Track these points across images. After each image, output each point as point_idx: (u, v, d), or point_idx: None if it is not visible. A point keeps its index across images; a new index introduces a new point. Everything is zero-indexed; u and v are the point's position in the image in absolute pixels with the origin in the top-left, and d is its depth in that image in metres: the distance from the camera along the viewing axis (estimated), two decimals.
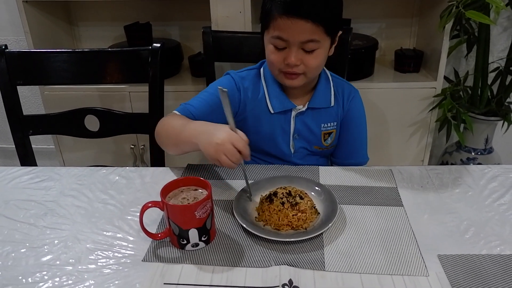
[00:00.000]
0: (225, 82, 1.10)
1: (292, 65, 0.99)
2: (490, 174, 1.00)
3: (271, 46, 1.01)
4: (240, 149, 0.84)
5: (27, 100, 2.22)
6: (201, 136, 0.90)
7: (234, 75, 1.11)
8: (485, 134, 1.85)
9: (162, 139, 1.03)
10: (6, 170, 1.06)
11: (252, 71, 1.13)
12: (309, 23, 0.94)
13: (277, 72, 1.04)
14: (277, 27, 0.97)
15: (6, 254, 0.79)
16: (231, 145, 0.84)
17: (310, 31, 0.95)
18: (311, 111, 1.11)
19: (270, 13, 0.98)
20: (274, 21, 0.97)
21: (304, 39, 0.96)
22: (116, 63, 1.27)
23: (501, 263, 0.74)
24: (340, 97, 1.13)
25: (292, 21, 0.94)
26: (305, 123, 1.12)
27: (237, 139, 0.85)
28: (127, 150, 1.89)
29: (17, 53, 1.25)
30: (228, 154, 0.84)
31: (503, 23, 1.90)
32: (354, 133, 1.16)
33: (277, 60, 1.01)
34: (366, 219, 0.85)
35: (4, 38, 2.10)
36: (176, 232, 0.77)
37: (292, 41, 0.97)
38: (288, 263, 0.74)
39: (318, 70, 1.06)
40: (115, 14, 1.98)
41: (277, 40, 0.99)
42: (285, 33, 0.96)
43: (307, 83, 1.08)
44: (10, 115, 1.28)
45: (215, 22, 1.66)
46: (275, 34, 0.98)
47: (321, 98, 1.11)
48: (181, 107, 1.06)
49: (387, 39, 1.98)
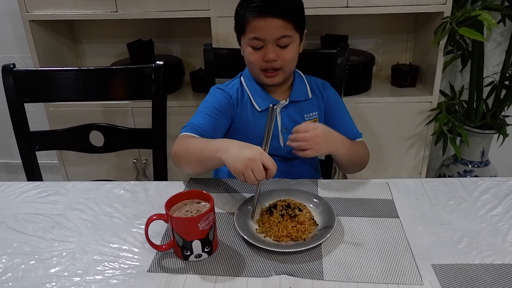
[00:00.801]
0: (218, 96, 1.18)
1: (271, 60, 1.09)
2: (483, 187, 1.03)
3: (249, 48, 1.12)
4: (269, 167, 0.86)
5: (32, 116, 2.26)
6: (229, 150, 0.91)
7: (222, 87, 1.21)
8: (481, 147, 1.89)
9: (183, 159, 1.04)
10: (14, 185, 1.09)
11: (234, 80, 1.24)
12: (281, 20, 1.07)
13: (257, 71, 1.14)
14: (253, 29, 1.08)
15: (16, 266, 0.81)
16: (260, 163, 0.86)
17: (282, 28, 1.08)
18: (293, 105, 1.19)
19: (244, 18, 1.10)
20: (249, 25, 1.09)
21: (278, 35, 1.08)
22: (120, 80, 1.31)
23: (493, 272, 0.77)
24: (315, 89, 1.23)
25: (266, 20, 1.07)
26: (290, 117, 1.19)
27: (268, 157, 0.87)
28: (129, 164, 1.92)
29: (25, 71, 1.30)
30: (255, 171, 0.86)
31: (497, 38, 1.95)
32: (338, 113, 1.24)
33: (256, 59, 1.12)
34: (363, 230, 0.88)
35: (10, 56, 2.15)
36: (180, 243, 0.80)
37: (268, 39, 1.08)
38: (287, 273, 0.77)
39: (293, 64, 1.16)
40: (118, 32, 2.04)
41: (254, 41, 1.10)
42: (260, 32, 1.08)
43: (285, 81, 1.18)
44: (17, 131, 1.31)
45: (215, 39, 1.70)
46: (251, 36, 1.09)
47: (300, 92, 1.21)
48: (189, 128, 1.08)
49: (384, 54, 2.03)
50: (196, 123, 1.09)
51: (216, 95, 1.18)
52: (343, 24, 1.94)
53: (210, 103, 1.15)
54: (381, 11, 1.63)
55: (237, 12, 1.13)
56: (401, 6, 1.62)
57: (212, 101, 1.16)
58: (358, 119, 1.74)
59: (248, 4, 1.09)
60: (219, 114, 1.13)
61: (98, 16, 1.72)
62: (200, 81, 1.89)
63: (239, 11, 1.12)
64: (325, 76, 1.28)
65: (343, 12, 1.63)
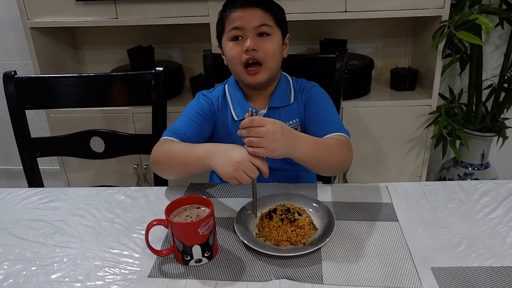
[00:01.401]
0: (201, 102, 1.18)
1: (250, 49, 1.06)
2: (482, 189, 1.03)
3: (229, 43, 1.10)
4: (258, 166, 0.88)
5: (33, 123, 2.27)
6: (216, 156, 0.92)
7: (205, 93, 1.21)
8: (481, 149, 1.89)
9: (163, 166, 1.04)
10: (16, 191, 1.10)
11: (219, 86, 1.23)
12: (259, 9, 1.07)
13: (239, 69, 1.10)
14: (232, 20, 1.08)
15: (18, 272, 0.82)
16: (249, 162, 0.88)
17: (262, 16, 1.08)
18: (273, 112, 1.16)
19: (223, 15, 1.11)
20: (228, 19, 1.09)
21: (257, 23, 1.07)
22: (120, 86, 1.32)
23: (492, 275, 0.77)
24: (299, 93, 1.19)
25: (244, 10, 1.07)
26: None
27: (255, 157, 0.88)
28: (130, 170, 1.93)
29: (26, 78, 1.31)
30: (247, 171, 0.87)
31: (496, 41, 1.96)
32: (317, 108, 1.16)
33: (236, 52, 1.09)
34: (362, 234, 0.89)
35: (11, 63, 2.17)
36: (180, 248, 0.80)
37: (248, 27, 1.07)
38: (287, 277, 0.77)
39: (275, 59, 1.11)
40: (118, 38, 2.05)
41: (233, 31, 1.08)
42: (239, 21, 1.07)
43: (269, 82, 1.14)
44: (18, 137, 1.32)
45: (215, 45, 1.71)
46: (231, 27, 1.08)
47: (280, 97, 1.17)
48: (170, 132, 1.08)
49: (383, 58, 2.04)
50: (177, 127, 1.09)
51: (199, 100, 1.19)
52: (341, 29, 1.95)
53: (192, 108, 1.16)
54: (380, 15, 1.64)
55: (219, 18, 1.14)
56: (400, 11, 1.63)
57: (194, 106, 1.17)
58: (357, 123, 1.77)
59: (229, 2, 1.11)
60: (201, 119, 1.13)
61: (99, 23, 1.73)
62: (200, 86, 1.89)
63: (220, 14, 1.13)
64: (324, 80, 1.29)
65: (342, 17, 1.64)
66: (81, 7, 1.71)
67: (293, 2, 1.58)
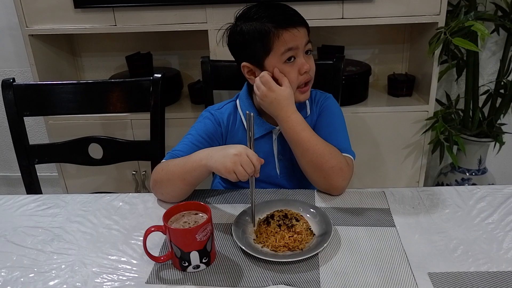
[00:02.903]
0: (206, 122, 1.14)
1: (309, 70, 1.07)
2: (478, 195, 1.04)
3: (283, 65, 1.05)
4: (253, 162, 0.90)
5: (31, 129, 2.27)
6: (213, 155, 0.94)
7: (212, 112, 1.17)
8: (478, 155, 1.90)
9: (163, 183, 1.02)
10: (14, 198, 1.10)
11: (229, 104, 1.19)
12: (303, 27, 1.06)
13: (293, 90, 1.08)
14: (284, 41, 1.03)
15: (15, 279, 0.82)
16: (246, 156, 0.90)
17: (306, 34, 1.07)
18: None
19: (269, 34, 1.03)
20: (278, 39, 1.03)
21: (306, 41, 1.07)
22: (118, 93, 1.33)
23: (488, 280, 0.77)
24: (314, 104, 1.18)
25: (298, 29, 1.04)
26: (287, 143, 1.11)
27: (252, 153, 0.91)
28: (129, 176, 1.93)
29: (24, 85, 1.31)
30: (244, 165, 0.89)
31: (492, 47, 1.97)
32: (326, 122, 1.15)
33: (294, 76, 1.06)
34: (359, 240, 0.89)
35: (10, 70, 2.17)
36: (178, 254, 0.80)
37: (301, 47, 1.06)
38: (285, 283, 0.77)
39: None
40: (116, 45, 2.06)
41: (288, 52, 1.04)
42: (294, 42, 1.04)
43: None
44: (16, 144, 1.32)
45: (213, 52, 1.72)
46: (285, 48, 1.03)
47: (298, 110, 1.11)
48: (170, 155, 1.07)
49: (380, 64, 2.05)
50: (179, 151, 1.07)
51: (205, 122, 1.14)
52: (339, 35, 1.96)
53: (197, 131, 1.12)
54: (377, 22, 1.65)
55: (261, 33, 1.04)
56: (396, 17, 1.64)
57: (199, 128, 1.13)
58: (355, 129, 1.78)
59: (271, 18, 1.03)
60: (204, 143, 1.10)
61: (97, 30, 1.74)
62: (198, 93, 1.91)
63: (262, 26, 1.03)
64: (321, 87, 1.29)
65: (339, 24, 1.65)
66: (79, 15, 1.71)
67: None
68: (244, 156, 0.89)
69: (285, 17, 1.05)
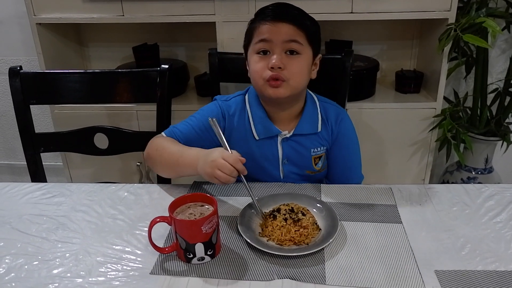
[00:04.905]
0: (212, 109, 1.14)
1: (275, 66, 1.00)
2: (487, 193, 1.03)
3: (255, 56, 1.05)
4: (231, 163, 0.90)
5: (37, 118, 2.27)
6: (199, 159, 0.96)
7: (221, 103, 1.15)
8: (485, 154, 1.89)
9: (156, 163, 1.07)
10: (19, 186, 1.10)
11: (238, 97, 1.16)
12: (291, 25, 1.01)
13: (261, 83, 1.04)
14: (261, 32, 1.02)
15: (20, 266, 0.82)
16: (222, 160, 0.91)
17: (292, 32, 1.01)
18: (299, 137, 1.12)
19: (252, 26, 1.05)
20: (257, 30, 1.03)
21: (286, 38, 1.01)
22: (125, 83, 1.32)
23: (495, 279, 0.76)
24: (327, 121, 1.13)
25: (275, 23, 1.01)
26: (293, 148, 1.12)
27: (228, 154, 0.92)
28: (133, 167, 1.93)
29: (31, 73, 1.31)
30: (221, 168, 0.90)
31: (501, 45, 1.95)
32: (345, 155, 1.16)
33: (261, 67, 1.03)
34: (366, 235, 0.88)
35: (16, 58, 2.17)
36: (183, 246, 0.80)
37: (275, 41, 1.01)
38: (290, 277, 0.77)
39: (300, 79, 1.04)
40: (123, 36, 2.05)
41: (260, 43, 1.03)
42: (268, 34, 1.01)
43: (291, 106, 1.09)
44: (22, 133, 1.32)
45: (220, 44, 1.71)
46: (258, 39, 1.03)
47: (308, 124, 1.11)
48: (168, 130, 1.10)
49: (388, 60, 2.03)
50: (178, 130, 1.10)
51: (212, 109, 1.14)
52: (347, 30, 1.95)
53: (201, 116, 1.13)
54: (386, 17, 1.63)
55: (249, 27, 1.07)
56: (406, 13, 1.62)
57: (204, 115, 1.13)
58: (361, 125, 1.77)
59: (260, 13, 1.05)
60: (201, 132, 1.10)
61: (105, 20, 1.73)
62: (204, 85, 1.90)
63: (250, 24, 1.07)
64: (329, 81, 1.28)
65: (348, 18, 1.64)
66: (87, 4, 1.71)
67: (299, 3, 1.57)
68: (220, 160, 0.91)
69: (274, 12, 1.03)
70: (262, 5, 1.09)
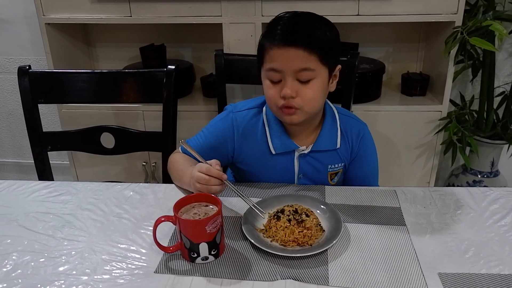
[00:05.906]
0: (224, 123, 1.11)
1: (287, 96, 0.96)
2: (491, 197, 1.02)
3: (267, 81, 1.00)
4: (204, 172, 0.95)
5: (45, 117, 2.28)
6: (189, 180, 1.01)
7: (233, 115, 1.10)
8: (491, 157, 1.88)
9: (171, 175, 1.13)
10: (26, 184, 1.11)
11: (252, 110, 1.11)
12: (301, 50, 0.93)
13: (275, 108, 1.01)
14: (270, 59, 0.97)
15: (26, 263, 0.83)
16: (198, 172, 0.96)
17: (303, 59, 0.94)
18: (316, 153, 1.09)
19: (263, 47, 0.99)
20: (267, 54, 0.97)
21: (297, 67, 0.94)
22: (132, 83, 1.33)
23: (500, 282, 0.76)
24: (347, 137, 1.10)
25: (284, 50, 0.94)
26: (310, 164, 1.10)
27: (200, 165, 0.97)
28: (139, 167, 1.94)
29: (40, 73, 1.32)
30: (198, 180, 0.95)
31: (508, 48, 1.95)
32: (365, 169, 1.15)
33: (273, 95, 0.99)
34: (369, 237, 0.89)
35: (25, 58, 2.20)
36: (187, 245, 0.80)
37: (286, 71, 0.95)
38: (293, 278, 0.77)
39: (315, 104, 1.01)
40: (130, 36, 2.06)
41: (271, 72, 0.98)
42: (278, 63, 0.95)
43: (310, 122, 1.06)
44: (30, 131, 1.33)
45: (227, 45, 1.72)
46: (268, 67, 0.98)
47: (326, 141, 1.08)
48: (182, 147, 1.08)
49: (394, 63, 2.03)
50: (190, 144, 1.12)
51: (224, 125, 1.10)
52: (354, 32, 1.95)
53: (209, 132, 1.12)
54: (392, 19, 1.63)
55: (260, 42, 1.01)
56: (412, 15, 1.62)
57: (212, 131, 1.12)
58: None
59: (269, 33, 0.98)
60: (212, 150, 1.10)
61: (112, 20, 1.74)
62: (211, 86, 1.91)
63: (260, 40, 1.01)
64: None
65: (354, 20, 1.64)
66: (95, 5, 1.72)
67: (305, 5, 1.58)
68: (195, 173, 0.96)
69: (280, 33, 0.95)
70: (268, 7, 1.08)
